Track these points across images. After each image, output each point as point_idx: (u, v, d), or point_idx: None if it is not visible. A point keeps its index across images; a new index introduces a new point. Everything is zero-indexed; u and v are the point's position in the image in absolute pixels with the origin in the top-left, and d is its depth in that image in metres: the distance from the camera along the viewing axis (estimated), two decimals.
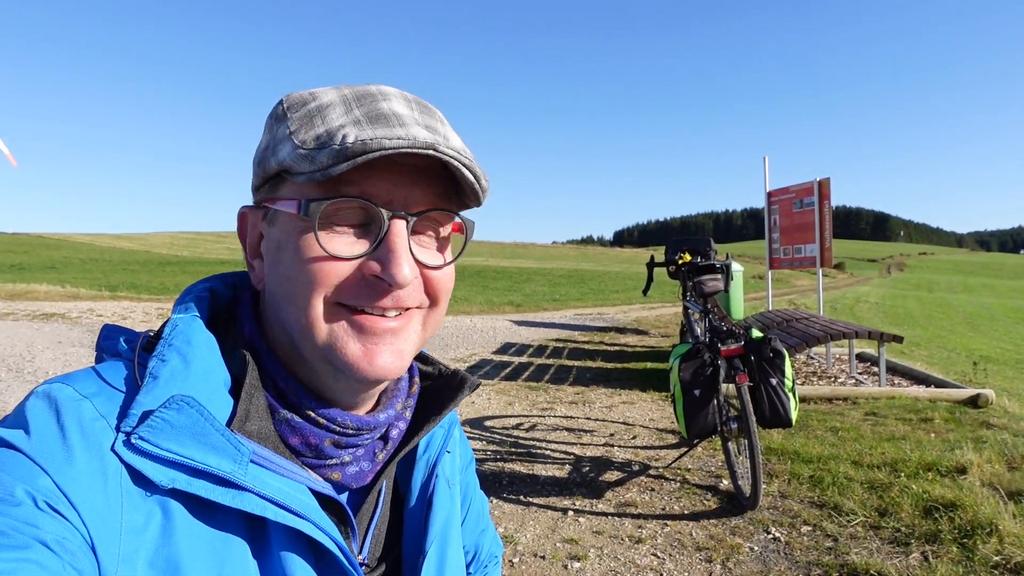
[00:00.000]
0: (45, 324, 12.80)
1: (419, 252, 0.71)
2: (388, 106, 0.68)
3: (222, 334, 0.74)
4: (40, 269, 36.09)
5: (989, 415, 5.74)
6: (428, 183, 0.70)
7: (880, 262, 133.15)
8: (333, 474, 0.74)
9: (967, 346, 14.14)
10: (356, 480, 0.75)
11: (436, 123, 0.70)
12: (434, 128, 0.69)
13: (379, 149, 0.63)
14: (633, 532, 3.67)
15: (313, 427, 0.72)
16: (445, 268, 0.74)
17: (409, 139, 0.64)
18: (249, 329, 0.75)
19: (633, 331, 13.35)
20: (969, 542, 3.29)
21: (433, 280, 0.73)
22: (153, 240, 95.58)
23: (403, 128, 0.66)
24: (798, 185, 9.53)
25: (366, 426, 0.75)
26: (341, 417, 0.73)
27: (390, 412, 0.79)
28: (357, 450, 0.75)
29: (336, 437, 0.73)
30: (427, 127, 0.68)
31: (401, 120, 0.67)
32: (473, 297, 22.27)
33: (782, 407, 3.74)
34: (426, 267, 0.72)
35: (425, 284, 0.73)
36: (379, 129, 0.65)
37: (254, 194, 0.76)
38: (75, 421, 0.59)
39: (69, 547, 0.53)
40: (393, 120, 0.66)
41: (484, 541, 1.11)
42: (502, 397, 7.03)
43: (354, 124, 0.66)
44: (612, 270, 49.89)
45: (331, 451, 0.73)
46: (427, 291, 0.73)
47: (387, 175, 0.68)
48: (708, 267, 4.91)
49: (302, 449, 0.72)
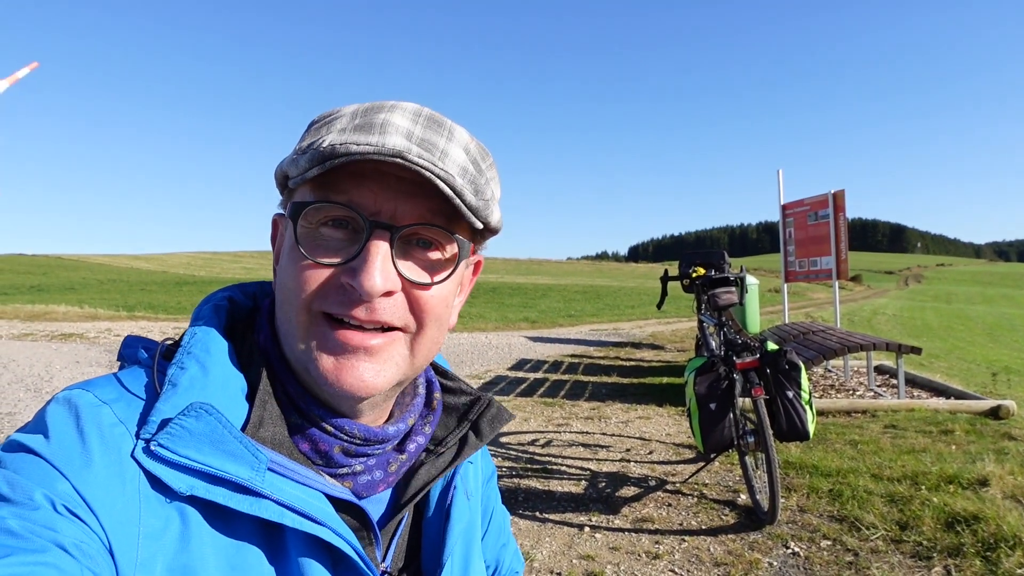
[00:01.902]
0: (63, 344, 12.92)
1: (405, 268, 0.70)
2: (385, 116, 0.68)
3: (240, 342, 0.75)
4: (59, 290, 36.48)
5: (1011, 426, 5.67)
6: (422, 198, 0.69)
7: (897, 274, 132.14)
8: (345, 483, 0.74)
9: (987, 357, 13.97)
10: (368, 489, 0.75)
11: (437, 138, 0.69)
12: (429, 142, 0.68)
13: (345, 154, 0.64)
14: (650, 548, 3.64)
15: (322, 434, 0.72)
16: (434, 289, 0.72)
17: (376, 145, 0.64)
18: (264, 337, 0.75)
19: (649, 346, 13.29)
20: (992, 555, 3.24)
21: (420, 300, 0.71)
22: (170, 260, 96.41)
23: (380, 136, 0.65)
24: (813, 198, 9.48)
25: (374, 437, 0.75)
26: (349, 426, 0.73)
27: (400, 426, 0.79)
28: (368, 460, 0.75)
29: (345, 445, 0.73)
30: (421, 140, 0.67)
31: (385, 129, 0.66)
32: (488, 314, 22.26)
33: (799, 420, 3.71)
34: (411, 284, 0.70)
35: (411, 303, 0.71)
36: (356, 135, 0.65)
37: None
38: (95, 426, 0.60)
39: (87, 551, 0.54)
40: (377, 129, 0.66)
41: (505, 556, 1.10)
42: (518, 413, 7.00)
43: (340, 132, 0.67)
44: (627, 285, 49.76)
45: (341, 459, 0.73)
46: (412, 311, 0.71)
47: (376, 186, 0.68)
48: (722, 280, 4.89)
49: (313, 456, 0.72)
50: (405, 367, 0.73)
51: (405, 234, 0.69)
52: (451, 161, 0.68)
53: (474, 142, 0.75)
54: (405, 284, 0.70)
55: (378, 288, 0.66)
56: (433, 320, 0.73)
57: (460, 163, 0.69)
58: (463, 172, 0.69)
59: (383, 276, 0.66)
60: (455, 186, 0.67)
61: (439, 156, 0.67)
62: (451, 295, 0.76)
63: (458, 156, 0.70)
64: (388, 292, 0.68)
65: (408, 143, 0.66)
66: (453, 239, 0.72)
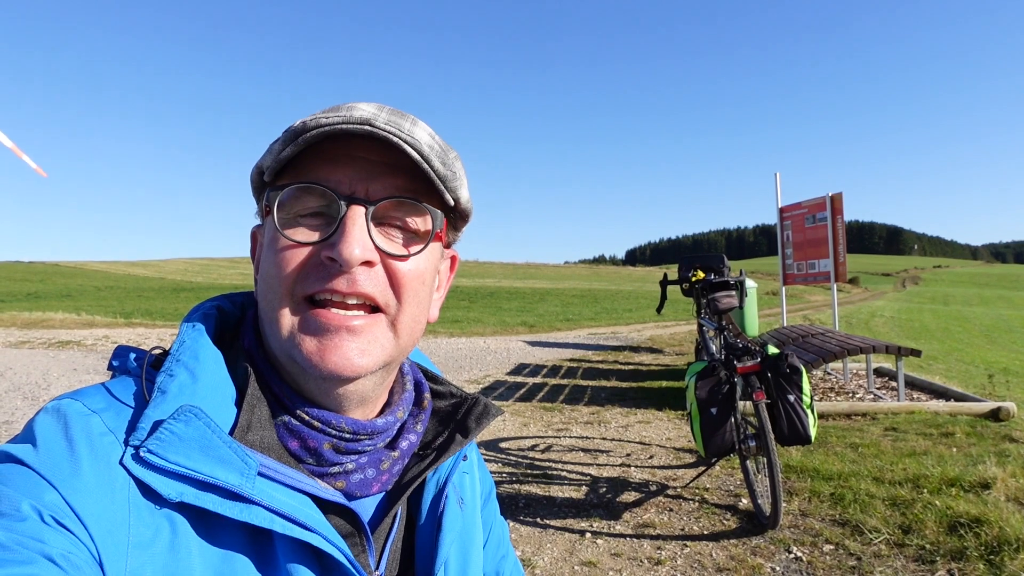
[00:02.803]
0: (60, 352, 12.90)
1: (382, 241, 0.71)
2: (352, 104, 0.71)
3: (228, 350, 0.75)
4: (56, 297, 36.43)
5: (1011, 428, 5.66)
6: (393, 176, 0.71)
7: (895, 276, 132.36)
8: (337, 483, 0.73)
9: (985, 359, 13.98)
10: (361, 488, 0.75)
11: (402, 121, 0.71)
12: (395, 123, 0.70)
13: (315, 127, 0.66)
14: (652, 554, 3.62)
15: (310, 430, 0.72)
16: (411, 261, 0.73)
17: (344, 117, 0.67)
18: (248, 340, 0.76)
19: (647, 350, 13.28)
20: (996, 559, 3.23)
21: (398, 273, 0.72)
22: (167, 267, 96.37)
23: (348, 112, 0.68)
24: (810, 200, 9.50)
25: (363, 430, 0.74)
26: (336, 420, 0.73)
27: (389, 419, 0.78)
28: (360, 457, 0.75)
29: (334, 441, 0.73)
30: (387, 119, 0.69)
31: (352, 108, 0.69)
32: (486, 318, 22.26)
33: (800, 424, 3.70)
34: (388, 255, 0.71)
35: (389, 277, 0.72)
36: (325, 114, 0.68)
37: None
38: (83, 435, 0.59)
39: (75, 561, 0.53)
40: (344, 109, 0.69)
41: (505, 567, 1.10)
42: (517, 418, 6.99)
43: (309, 116, 0.69)
44: (625, 289, 49.80)
45: (331, 456, 0.73)
46: (392, 285, 0.72)
47: (349, 168, 0.70)
48: (722, 284, 4.89)
49: (302, 454, 0.72)
50: (390, 348, 0.73)
51: (379, 211, 0.71)
52: (417, 137, 0.70)
53: (437, 136, 0.77)
54: (382, 256, 0.71)
55: (356, 256, 0.67)
56: (412, 296, 0.74)
57: (426, 140, 0.71)
58: (430, 146, 0.71)
59: (361, 245, 0.67)
60: (422, 152, 0.69)
61: (406, 131, 0.70)
62: (428, 273, 0.77)
63: (423, 135, 0.72)
64: (367, 262, 0.69)
65: (375, 116, 0.68)
66: (426, 211, 0.73)
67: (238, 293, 0.85)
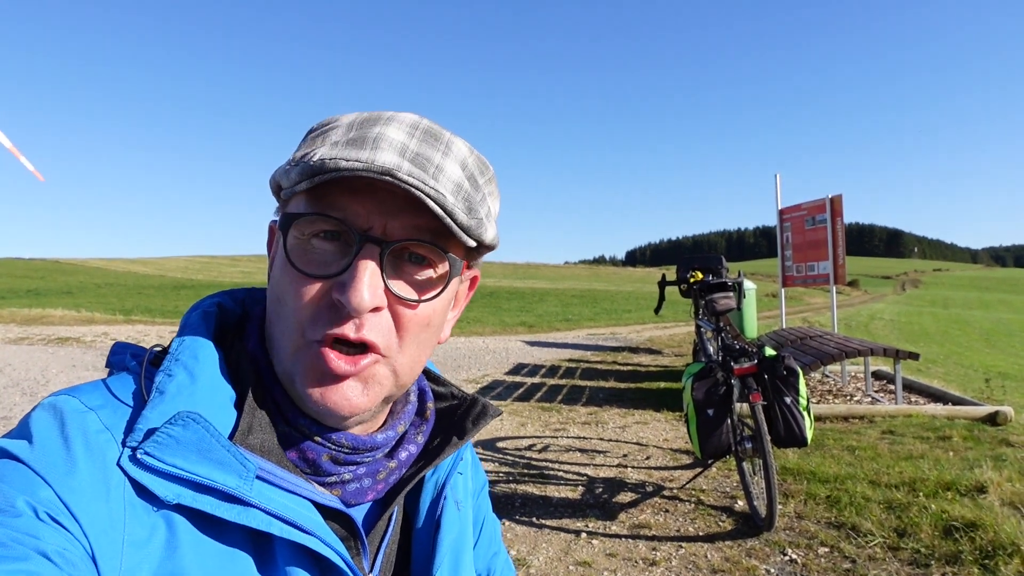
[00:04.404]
0: (60, 348, 12.90)
1: (395, 284, 0.69)
2: (380, 130, 0.67)
3: (229, 350, 0.74)
4: (56, 294, 36.43)
5: (1008, 433, 5.66)
6: (414, 215, 0.68)
7: (894, 279, 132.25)
8: (333, 491, 0.73)
9: (984, 363, 13.98)
10: (356, 496, 0.74)
11: (432, 152, 0.68)
12: (424, 156, 0.67)
13: (334, 169, 0.63)
14: (647, 554, 3.62)
15: (310, 443, 0.71)
16: (422, 307, 0.71)
17: (366, 162, 0.63)
18: (253, 344, 0.75)
19: (646, 350, 13.28)
20: (991, 563, 3.23)
21: (403, 317, 0.70)
22: (167, 264, 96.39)
23: (372, 152, 0.64)
24: (810, 202, 9.50)
25: (363, 446, 0.74)
26: (336, 436, 0.72)
27: (389, 433, 0.78)
28: (358, 468, 0.74)
29: (333, 454, 0.72)
30: (415, 155, 0.66)
31: (378, 143, 0.65)
32: (486, 318, 22.26)
33: (797, 426, 3.70)
34: (399, 300, 0.69)
35: (395, 320, 0.70)
36: (347, 151, 0.65)
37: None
38: (80, 432, 0.59)
39: (70, 558, 0.53)
40: (369, 143, 0.65)
41: (496, 565, 1.10)
42: (515, 418, 7.00)
43: (332, 146, 0.66)
44: (624, 290, 49.80)
45: (329, 467, 0.72)
46: (396, 327, 0.70)
47: (368, 201, 0.67)
48: (720, 285, 4.89)
49: (300, 464, 0.71)
50: (390, 386, 0.72)
51: (396, 249, 0.68)
52: (445, 178, 0.67)
53: (473, 155, 0.74)
54: (392, 300, 0.69)
55: (366, 304, 0.65)
56: (413, 340, 0.72)
57: (455, 179, 0.69)
58: (457, 189, 0.68)
59: (371, 292, 0.65)
60: (446, 206, 0.66)
61: (432, 172, 0.66)
62: (440, 313, 0.75)
63: (453, 172, 0.69)
64: (376, 308, 0.67)
65: (400, 160, 0.65)
66: (444, 257, 0.71)
67: (239, 289, 0.84)
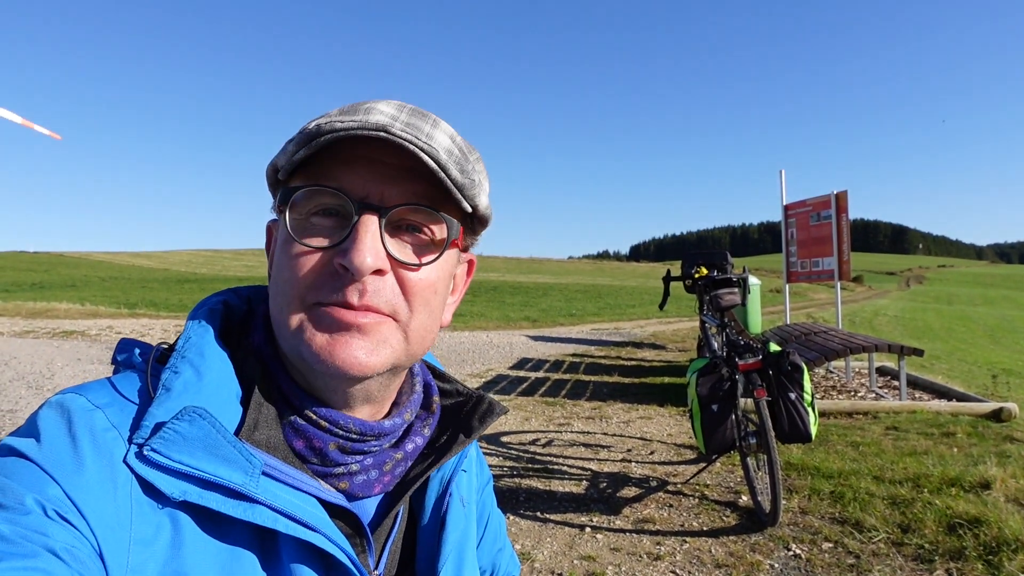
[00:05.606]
0: (65, 342, 12.94)
1: (395, 249, 0.70)
2: (370, 104, 0.70)
3: (235, 346, 0.75)
4: (60, 287, 36.51)
5: (1012, 429, 5.66)
6: (410, 182, 0.69)
7: (899, 275, 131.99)
8: (341, 483, 0.73)
9: (988, 359, 13.95)
10: (364, 489, 0.74)
11: (422, 123, 0.70)
12: (414, 125, 0.69)
13: (330, 131, 0.65)
14: (652, 549, 3.63)
15: (317, 430, 0.71)
16: (423, 271, 0.72)
17: (360, 121, 0.65)
18: (258, 338, 0.75)
19: (650, 346, 13.28)
20: (995, 559, 3.23)
21: (409, 281, 0.71)
22: (172, 258, 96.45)
23: (365, 115, 0.67)
24: (815, 198, 9.48)
25: (370, 431, 0.74)
26: (343, 420, 0.72)
27: (397, 420, 0.78)
28: (365, 458, 0.74)
29: (341, 441, 0.72)
30: (406, 123, 0.68)
31: (370, 110, 0.68)
32: (489, 313, 22.25)
33: (801, 422, 3.70)
34: (400, 264, 0.70)
35: (401, 285, 0.71)
36: (342, 116, 0.67)
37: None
38: (87, 431, 0.59)
39: (78, 555, 0.53)
40: (362, 111, 0.68)
41: (501, 560, 1.10)
42: (519, 412, 7.01)
43: (325, 117, 0.69)
44: (629, 285, 49.74)
45: (337, 456, 0.72)
46: (404, 293, 0.71)
47: (364, 171, 0.68)
48: (725, 281, 4.89)
49: (307, 454, 0.71)
50: (400, 351, 0.72)
51: (393, 216, 0.69)
52: (436, 142, 0.69)
53: (459, 136, 0.75)
54: (394, 264, 0.70)
55: (368, 264, 0.66)
56: (423, 304, 0.72)
57: (445, 145, 0.70)
58: (448, 152, 0.70)
59: (372, 254, 0.66)
60: (440, 160, 0.67)
61: (424, 136, 0.68)
62: (441, 282, 0.75)
63: (443, 140, 0.71)
64: (378, 271, 0.68)
65: (392, 121, 0.67)
66: (441, 220, 0.72)
67: (244, 287, 0.84)
